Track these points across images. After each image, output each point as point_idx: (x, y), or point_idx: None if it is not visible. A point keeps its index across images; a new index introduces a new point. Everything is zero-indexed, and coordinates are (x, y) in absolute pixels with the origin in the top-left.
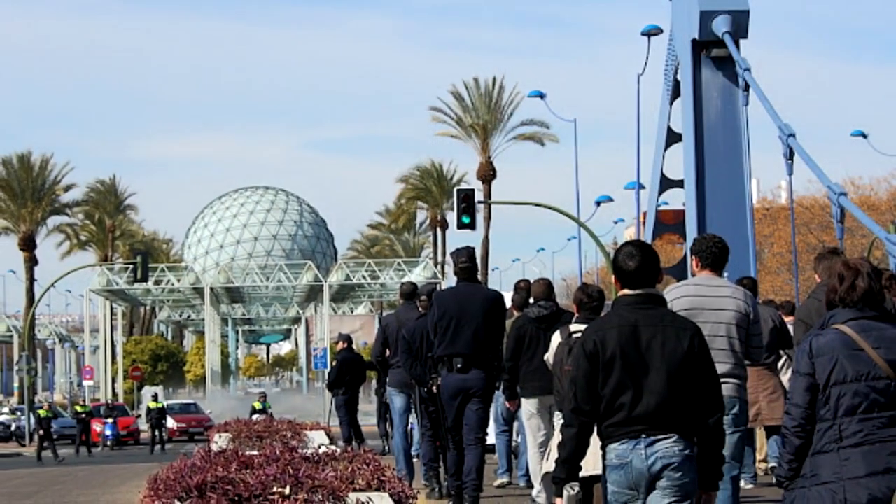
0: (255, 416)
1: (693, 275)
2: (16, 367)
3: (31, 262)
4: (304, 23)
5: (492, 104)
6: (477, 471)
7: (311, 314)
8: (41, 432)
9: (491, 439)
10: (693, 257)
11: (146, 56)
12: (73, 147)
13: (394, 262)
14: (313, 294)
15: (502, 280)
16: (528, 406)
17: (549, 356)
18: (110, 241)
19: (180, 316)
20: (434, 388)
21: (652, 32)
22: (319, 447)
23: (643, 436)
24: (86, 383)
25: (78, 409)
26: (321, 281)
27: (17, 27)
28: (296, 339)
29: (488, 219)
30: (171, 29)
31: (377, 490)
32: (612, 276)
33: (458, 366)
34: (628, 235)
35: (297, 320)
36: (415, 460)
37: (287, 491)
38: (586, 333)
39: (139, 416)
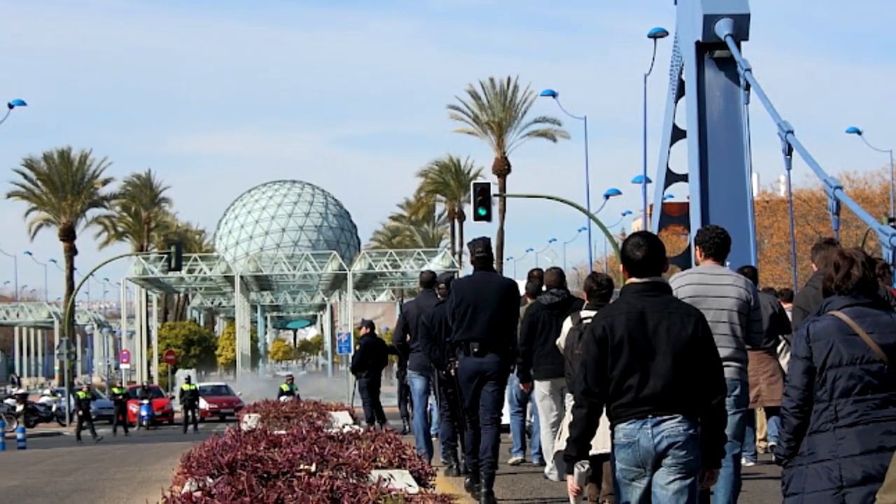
0: (282, 398)
1: (697, 264)
2: (56, 352)
3: (71, 252)
4: (328, 25)
5: (506, 102)
6: (492, 449)
7: (336, 301)
8: (80, 413)
9: (506, 419)
10: (697, 247)
11: (179, 57)
12: (110, 143)
13: (414, 251)
14: (338, 282)
15: (516, 269)
16: (540, 388)
17: (560, 341)
18: (146, 232)
19: (212, 303)
20: (452, 370)
21: (658, 35)
22: (343, 427)
23: (650, 416)
24: (122, 366)
25: (115, 390)
26: (345, 270)
27: (58, 30)
28: (321, 325)
29: (503, 211)
30: (203, 31)
31: (398, 467)
32: (621, 266)
33: (475, 350)
34: (636, 227)
35: (322, 307)
36: (434, 439)
37: (313, 468)
38: (596, 319)
39: (173, 397)
